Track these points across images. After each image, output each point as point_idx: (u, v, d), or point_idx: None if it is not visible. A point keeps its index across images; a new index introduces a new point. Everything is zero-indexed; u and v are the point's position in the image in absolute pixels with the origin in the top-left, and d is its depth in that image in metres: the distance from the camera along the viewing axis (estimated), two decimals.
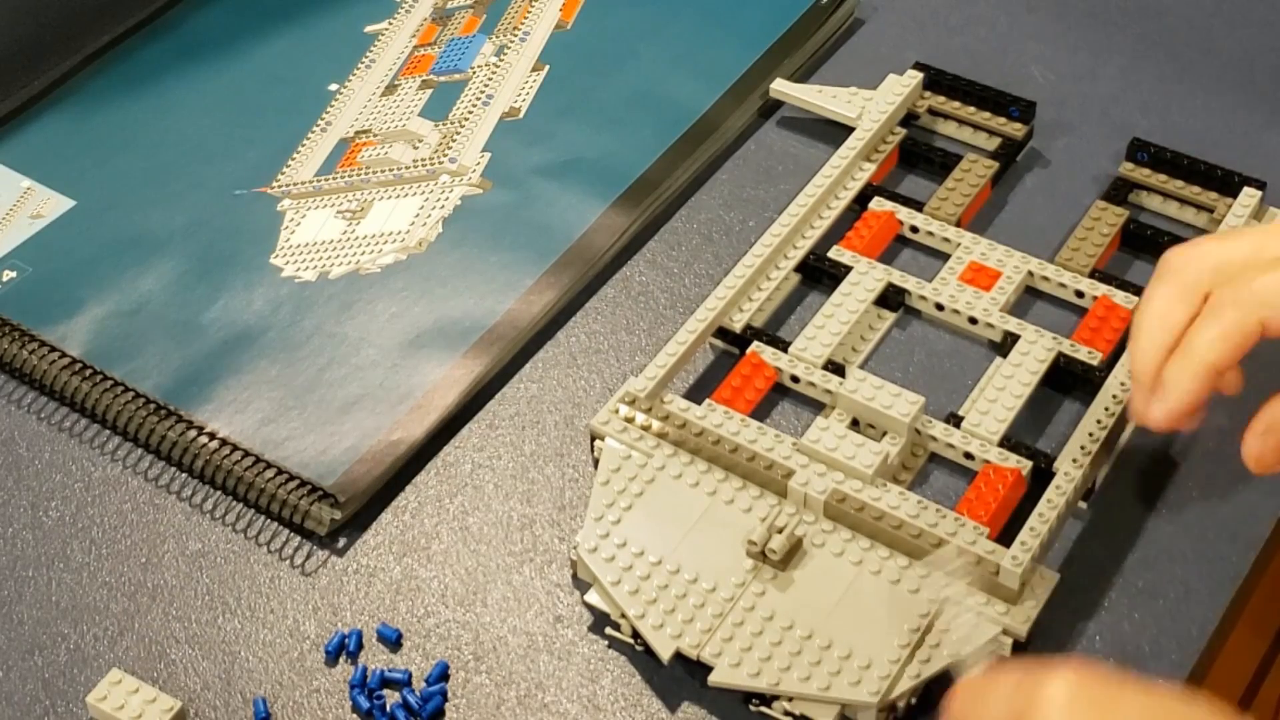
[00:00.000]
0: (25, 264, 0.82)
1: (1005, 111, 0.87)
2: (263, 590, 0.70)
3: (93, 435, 0.76)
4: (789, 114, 0.90)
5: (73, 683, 0.66)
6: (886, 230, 0.82)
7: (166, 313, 0.80)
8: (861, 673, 0.63)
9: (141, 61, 0.94)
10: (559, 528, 0.72)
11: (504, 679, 0.66)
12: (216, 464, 0.73)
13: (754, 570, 0.66)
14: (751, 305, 0.78)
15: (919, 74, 0.88)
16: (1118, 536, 0.70)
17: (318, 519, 0.71)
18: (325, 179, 0.87)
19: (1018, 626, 0.65)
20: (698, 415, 0.72)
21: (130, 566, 0.71)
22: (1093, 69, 0.92)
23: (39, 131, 0.90)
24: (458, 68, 0.93)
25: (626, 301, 0.81)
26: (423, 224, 0.84)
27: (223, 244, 0.83)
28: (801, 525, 0.68)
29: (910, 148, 0.86)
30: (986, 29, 0.95)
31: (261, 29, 0.96)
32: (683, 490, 0.69)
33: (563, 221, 0.84)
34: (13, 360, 0.78)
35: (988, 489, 0.69)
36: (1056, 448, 0.72)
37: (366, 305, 0.80)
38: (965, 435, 0.72)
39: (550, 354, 0.79)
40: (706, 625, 0.65)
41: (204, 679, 0.66)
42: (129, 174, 0.87)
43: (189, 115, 0.91)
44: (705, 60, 0.92)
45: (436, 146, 0.88)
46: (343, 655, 0.67)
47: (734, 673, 0.63)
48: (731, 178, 0.87)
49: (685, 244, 0.84)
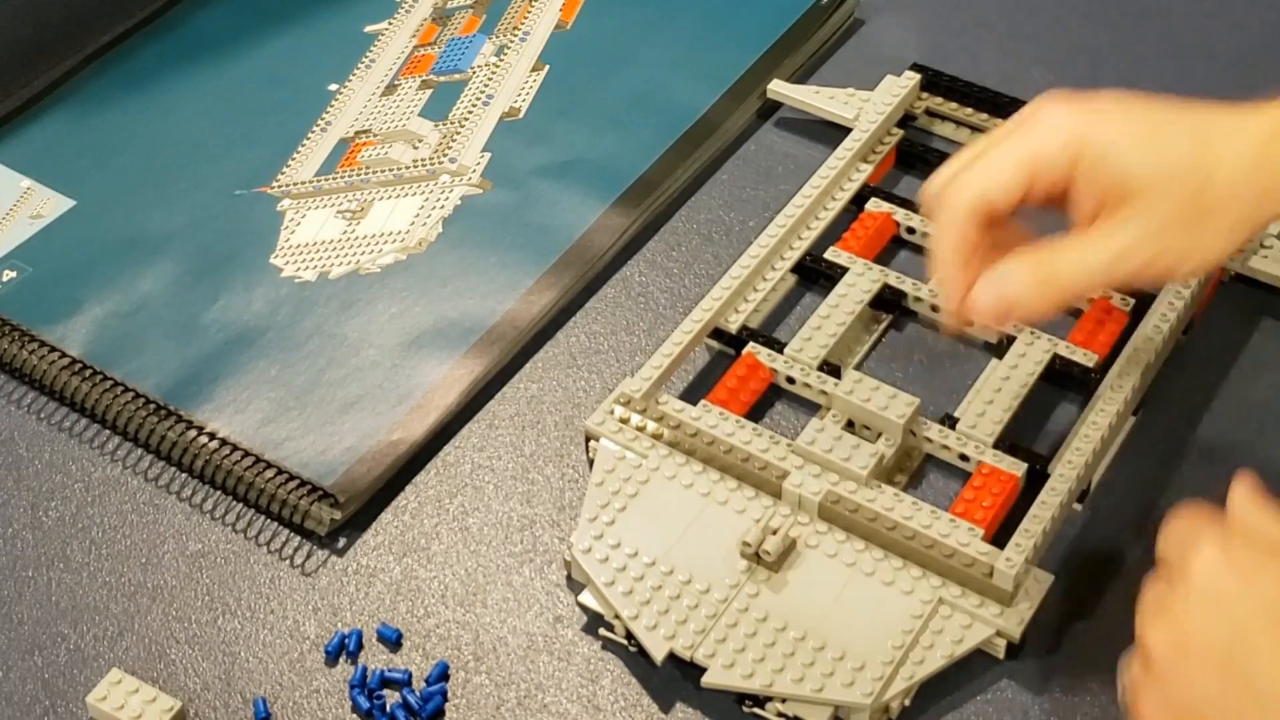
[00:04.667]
0: (25, 264, 0.83)
1: (1003, 112, 0.87)
2: (263, 590, 0.70)
3: (93, 435, 0.76)
4: (789, 114, 0.90)
5: (73, 683, 0.67)
6: (883, 231, 0.82)
7: (166, 313, 0.80)
8: (855, 674, 0.63)
9: (141, 61, 0.94)
10: (559, 528, 0.72)
11: (504, 679, 0.67)
12: (216, 464, 0.73)
13: (748, 571, 0.67)
14: (747, 306, 0.78)
15: (916, 75, 0.88)
16: (1113, 538, 0.70)
17: (318, 519, 0.71)
18: (325, 179, 0.87)
19: (1011, 628, 0.65)
20: (693, 416, 0.72)
21: (130, 567, 0.71)
22: (1092, 70, 0.92)
23: (39, 131, 0.90)
24: (458, 68, 0.94)
25: (626, 302, 0.82)
26: (423, 224, 0.84)
27: (223, 244, 0.84)
28: (796, 527, 0.68)
29: (907, 149, 0.87)
30: (986, 30, 0.96)
31: (261, 29, 0.96)
32: (677, 491, 0.70)
33: (563, 222, 0.84)
34: (13, 360, 0.78)
35: (983, 490, 0.69)
36: (1052, 449, 0.72)
37: (366, 305, 0.80)
38: (960, 437, 0.72)
39: (550, 354, 0.79)
40: (700, 626, 0.65)
41: (204, 679, 0.67)
42: (129, 174, 0.88)
43: (189, 115, 0.91)
44: (705, 61, 0.93)
45: (436, 146, 0.89)
46: (343, 655, 0.67)
47: (727, 674, 0.64)
48: (731, 178, 0.88)
49: (685, 244, 0.84)
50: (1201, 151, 0.61)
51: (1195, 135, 0.62)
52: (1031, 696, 0.65)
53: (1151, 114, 0.63)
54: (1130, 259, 0.62)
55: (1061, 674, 0.66)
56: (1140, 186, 0.61)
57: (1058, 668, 0.66)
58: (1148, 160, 0.61)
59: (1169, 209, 0.61)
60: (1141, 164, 0.61)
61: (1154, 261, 0.62)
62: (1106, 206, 0.62)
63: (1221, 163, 0.61)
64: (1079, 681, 0.66)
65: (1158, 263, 0.62)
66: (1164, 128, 0.62)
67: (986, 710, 0.65)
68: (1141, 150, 0.62)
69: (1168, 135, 0.62)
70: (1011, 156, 0.64)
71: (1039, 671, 0.66)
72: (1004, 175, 0.64)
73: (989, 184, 0.64)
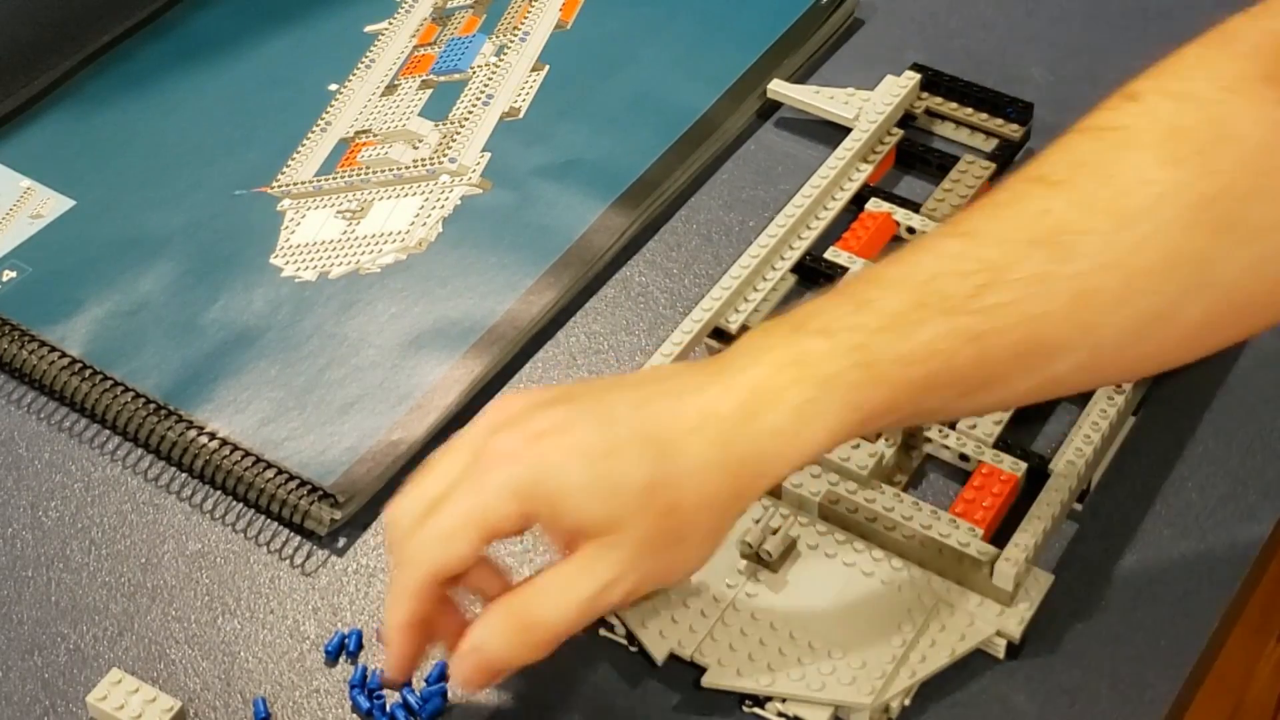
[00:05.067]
0: (25, 264, 0.83)
1: (1002, 112, 0.87)
2: (262, 590, 0.70)
3: (93, 435, 0.76)
4: (789, 114, 0.90)
5: (72, 683, 0.67)
6: (883, 231, 0.82)
7: (166, 313, 0.80)
8: (855, 674, 0.63)
9: (141, 61, 0.94)
10: None
11: (503, 679, 0.66)
12: (216, 464, 0.73)
13: (748, 572, 0.67)
14: (747, 306, 0.78)
15: (916, 75, 0.88)
16: (1114, 538, 0.70)
17: (318, 519, 0.71)
18: (325, 179, 0.87)
19: (1011, 628, 0.65)
20: None
21: (130, 567, 0.71)
22: (1092, 70, 0.92)
23: (39, 131, 0.90)
24: (458, 68, 0.94)
25: (626, 302, 0.82)
26: (423, 224, 0.84)
27: (223, 244, 0.84)
28: (796, 527, 0.68)
29: (907, 149, 0.87)
30: (986, 30, 0.96)
31: (261, 29, 0.96)
32: None
33: (562, 222, 0.84)
34: (13, 360, 0.78)
35: (983, 490, 0.69)
36: (1052, 449, 0.72)
37: (366, 305, 0.80)
38: (961, 436, 0.72)
39: (550, 354, 0.79)
40: (700, 627, 0.65)
41: (204, 679, 0.67)
42: (129, 174, 0.88)
43: (189, 115, 0.91)
44: (705, 61, 0.93)
45: (436, 146, 0.89)
46: (342, 655, 0.67)
47: (728, 674, 0.64)
48: (731, 178, 0.88)
49: (685, 244, 0.84)
50: (660, 470, 0.57)
51: (649, 453, 0.57)
52: (1031, 696, 0.65)
53: (602, 432, 0.58)
54: (611, 593, 0.58)
55: (1061, 674, 0.66)
56: (604, 528, 0.57)
57: (1058, 668, 0.66)
58: (605, 504, 0.57)
59: (639, 538, 0.57)
60: (600, 509, 0.57)
61: (638, 588, 0.59)
62: (575, 543, 0.58)
63: (687, 477, 0.57)
64: (1079, 681, 0.66)
65: (641, 588, 0.59)
66: (615, 455, 0.57)
67: (986, 710, 0.65)
68: (593, 493, 0.57)
69: (620, 464, 0.57)
70: (462, 520, 0.58)
71: (1039, 671, 0.66)
72: (456, 544, 0.59)
73: (439, 556, 0.59)
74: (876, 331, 0.58)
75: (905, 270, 0.61)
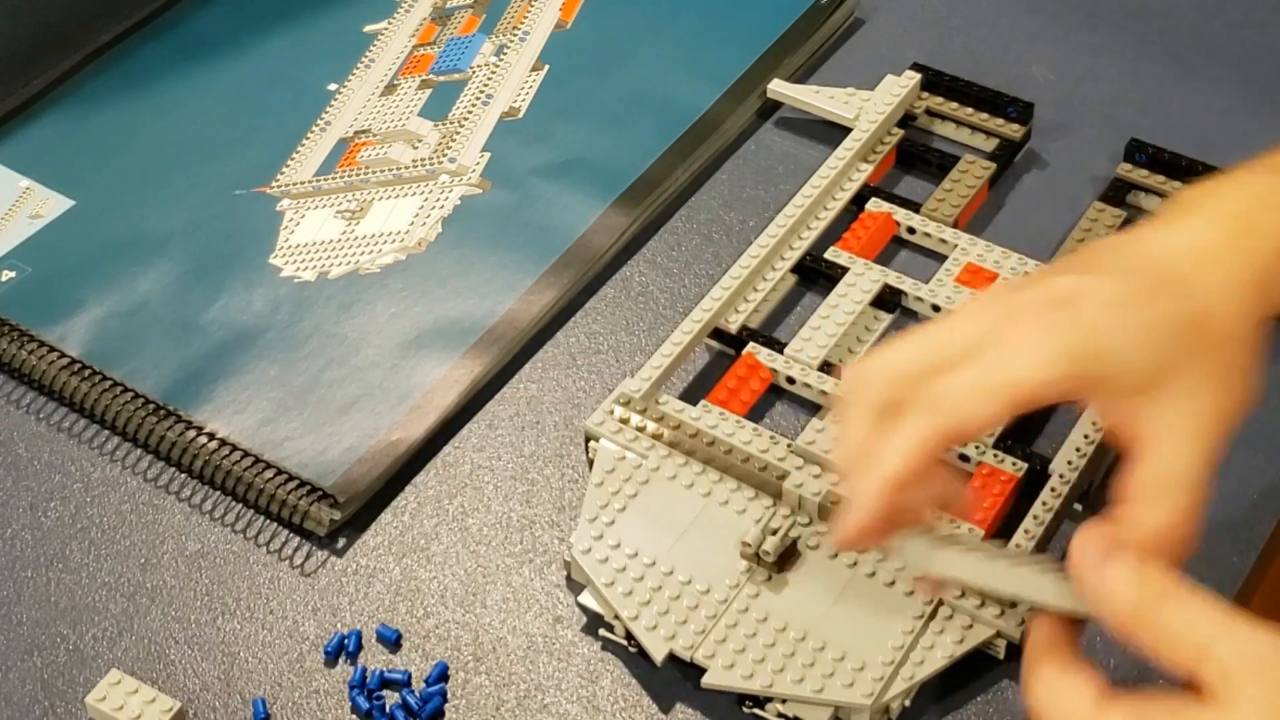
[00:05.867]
0: (25, 264, 0.83)
1: (1003, 112, 0.87)
2: (262, 591, 0.70)
3: (92, 435, 0.76)
4: (789, 114, 0.90)
5: (72, 683, 0.67)
6: (884, 231, 0.82)
7: (166, 313, 0.80)
8: (855, 674, 0.63)
9: (141, 61, 0.94)
10: (558, 529, 0.72)
11: (503, 680, 0.66)
12: (216, 464, 0.73)
13: (748, 572, 0.67)
14: (748, 306, 0.78)
15: (916, 75, 0.88)
16: None
17: (317, 519, 0.71)
18: (325, 179, 0.87)
19: (1011, 629, 0.65)
20: (693, 416, 0.72)
21: (129, 567, 0.71)
22: (1092, 70, 0.92)
23: (39, 131, 0.90)
24: (457, 67, 0.94)
25: (626, 302, 0.82)
26: (422, 224, 0.84)
27: (222, 244, 0.84)
28: (796, 527, 0.68)
29: (908, 148, 0.87)
30: (987, 29, 0.96)
31: (261, 29, 0.96)
32: (677, 492, 0.70)
33: (562, 222, 0.84)
34: (12, 360, 0.78)
35: (983, 490, 0.69)
36: (1053, 449, 0.72)
37: (366, 305, 0.80)
38: None
39: (550, 354, 0.79)
40: (700, 627, 0.65)
41: (203, 679, 0.67)
42: (129, 174, 0.88)
43: (189, 115, 0.91)
44: (705, 60, 0.93)
45: (436, 146, 0.88)
46: (342, 656, 0.67)
47: (727, 675, 0.64)
48: (731, 178, 0.88)
49: (685, 244, 0.84)
50: (1193, 304, 0.56)
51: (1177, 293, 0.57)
52: None
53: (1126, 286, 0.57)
54: (1221, 433, 0.56)
55: None
56: (1159, 376, 0.55)
57: None
58: (1155, 352, 0.55)
59: (1204, 375, 0.56)
60: (1150, 358, 0.55)
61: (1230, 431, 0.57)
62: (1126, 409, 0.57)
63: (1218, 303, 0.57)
64: None
65: (1231, 429, 0.57)
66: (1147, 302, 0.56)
67: (986, 710, 0.65)
68: (1142, 344, 0.56)
69: (1156, 309, 0.56)
70: (1001, 379, 0.56)
71: None
72: (987, 402, 0.56)
73: (969, 408, 0.56)
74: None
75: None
